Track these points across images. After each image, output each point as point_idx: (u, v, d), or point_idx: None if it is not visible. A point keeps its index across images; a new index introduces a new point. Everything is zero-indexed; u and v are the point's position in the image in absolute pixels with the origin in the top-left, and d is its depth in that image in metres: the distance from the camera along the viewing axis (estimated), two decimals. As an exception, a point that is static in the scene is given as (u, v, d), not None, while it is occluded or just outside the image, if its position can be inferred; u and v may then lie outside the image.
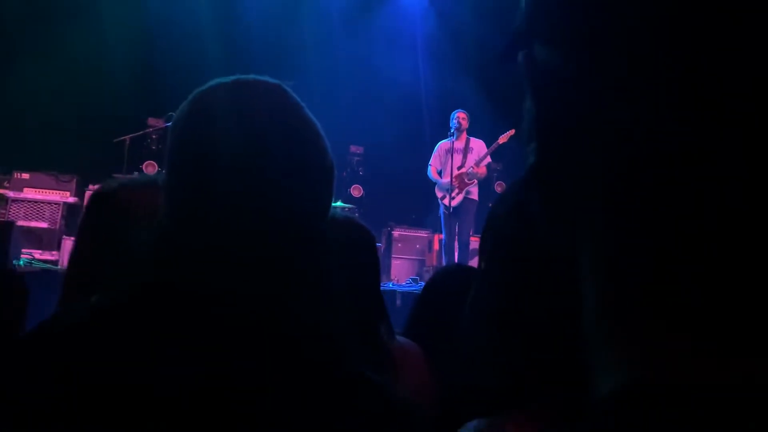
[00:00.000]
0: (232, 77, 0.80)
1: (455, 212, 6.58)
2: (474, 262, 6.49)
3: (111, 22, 7.83)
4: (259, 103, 0.77)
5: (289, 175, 0.75)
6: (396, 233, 7.59)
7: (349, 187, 8.38)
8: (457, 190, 6.56)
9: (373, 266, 1.52)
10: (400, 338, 1.51)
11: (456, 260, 6.30)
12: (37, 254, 5.96)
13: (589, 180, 0.33)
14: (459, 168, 6.59)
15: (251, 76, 0.81)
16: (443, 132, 6.88)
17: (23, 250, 5.34)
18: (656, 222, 0.30)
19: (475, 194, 6.69)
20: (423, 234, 7.67)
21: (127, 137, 6.54)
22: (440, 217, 6.79)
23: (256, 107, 0.77)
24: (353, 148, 8.65)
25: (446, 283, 1.85)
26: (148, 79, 7.14)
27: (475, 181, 6.63)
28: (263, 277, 0.74)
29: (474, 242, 6.91)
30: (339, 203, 7.14)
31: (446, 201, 6.60)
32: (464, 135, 6.73)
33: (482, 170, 6.65)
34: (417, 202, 8.34)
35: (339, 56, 8.56)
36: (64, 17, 7.64)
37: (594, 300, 0.33)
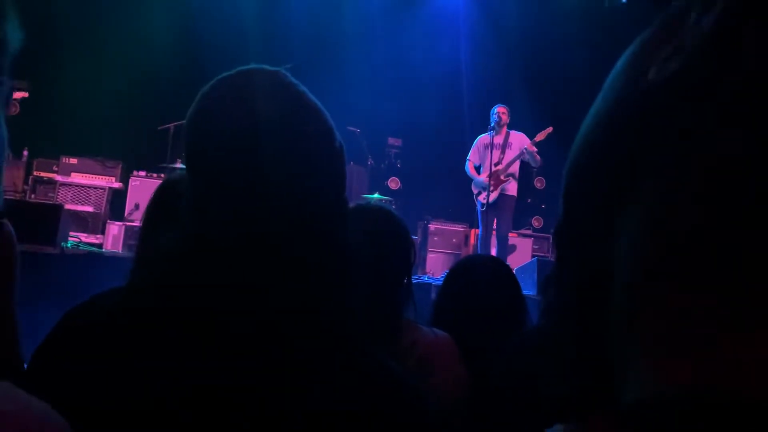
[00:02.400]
0: (234, 70, 0.82)
1: (493, 208, 6.49)
2: (512, 258, 6.43)
3: (156, 14, 7.98)
4: (257, 91, 0.78)
5: (292, 157, 0.76)
6: (432, 227, 7.58)
7: (387, 180, 8.39)
8: (492, 187, 6.48)
9: (403, 254, 1.52)
10: (435, 330, 1.50)
11: (495, 255, 6.23)
12: (83, 237, 6.15)
13: None
14: (495, 165, 6.51)
15: (251, 66, 0.82)
16: (483, 126, 6.81)
17: (70, 233, 5.51)
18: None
19: (512, 190, 6.56)
20: (459, 228, 7.64)
21: (170, 125, 6.67)
22: (477, 211, 6.72)
23: (254, 94, 0.78)
24: (391, 140, 8.64)
25: (468, 272, 1.85)
26: (191, 69, 7.28)
27: (511, 179, 6.52)
28: (275, 265, 0.75)
29: (512, 238, 6.84)
30: (376, 195, 7.15)
31: (482, 197, 6.54)
32: (504, 130, 6.60)
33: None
34: (454, 196, 8.30)
35: (379, 48, 8.55)
36: (111, 9, 7.83)
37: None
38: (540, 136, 6.43)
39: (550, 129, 6.41)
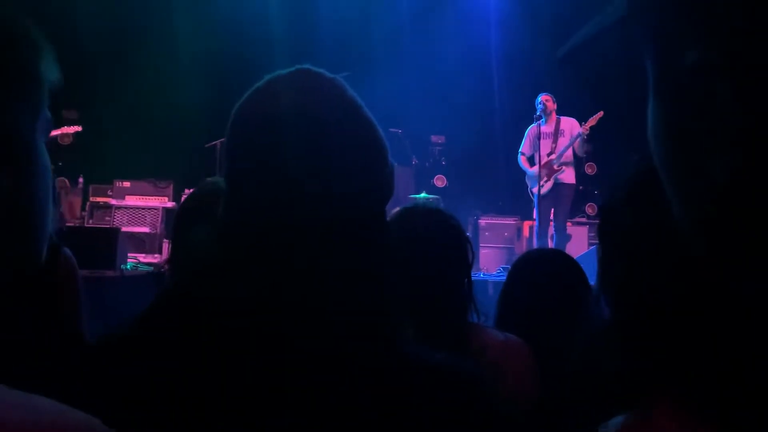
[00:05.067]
0: (291, 69, 0.79)
1: (549, 198, 6.32)
2: (569, 247, 6.27)
3: (188, 35, 8.18)
4: (313, 93, 0.76)
5: (340, 168, 0.74)
6: (483, 222, 7.48)
7: (432, 178, 8.33)
8: (545, 178, 6.32)
9: (460, 253, 1.47)
10: (506, 334, 1.45)
11: (553, 246, 6.06)
12: (141, 257, 6.31)
13: None
14: (549, 154, 6.34)
15: (309, 67, 0.80)
16: (525, 115, 6.68)
17: (129, 254, 5.66)
18: None
19: (569, 178, 6.35)
20: (511, 221, 7.52)
21: (217, 142, 6.78)
22: (534, 203, 6.56)
23: (310, 96, 0.75)
24: (434, 138, 8.59)
25: (532, 268, 1.79)
26: (231, 84, 7.40)
27: (564, 168, 6.33)
28: (320, 263, 0.73)
29: (567, 227, 6.67)
30: (423, 194, 7.10)
31: (535, 190, 6.37)
32: (554, 117, 6.42)
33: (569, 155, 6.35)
34: (502, 189, 8.19)
35: (410, 46, 8.52)
36: (147, 33, 8.05)
37: None
38: (592, 121, 6.23)
39: (601, 113, 6.22)
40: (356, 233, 0.75)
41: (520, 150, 6.69)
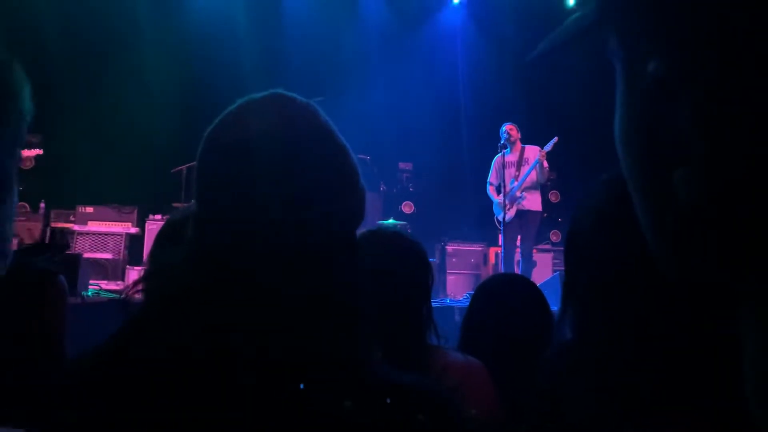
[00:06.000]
0: (264, 93, 0.80)
1: (514, 224, 6.41)
2: (534, 274, 6.35)
3: (158, 61, 8.12)
4: (286, 118, 0.76)
5: (310, 193, 0.74)
6: (450, 248, 7.52)
7: (400, 204, 8.38)
8: (509, 206, 6.41)
9: (421, 276, 1.49)
10: (466, 356, 1.47)
11: (519, 272, 6.14)
12: (104, 284, 6.16)
13: None
14: (512, 182, 6.45)
15: (282, 91, 0.80)
16: (491, 142, 6.80)
17: (90, 281, 5.53)
18: None
19: (535, 204, 6.46)
20: (477, 248, 7.58)
21: (183, 167, 6.72)
22: (501, 230, 6.64)
23: (283, 121, 0.76)
24: (402, 165, 8.66)
25: (495, 292, 1.82)
26: (197, 111, 7.36)
27: (526, 195, 6.44)
28: (290, 288, 0.73)
29: (534, 254, 6.76)
30: (391, 220, 7.13)
31: (500, 218, 6.46)
32: (518, 145, 6.57)
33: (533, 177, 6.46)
34: (469, 216, 8.26)
35: (379, 75, 8.61)
36: (112, 56, 7.98)
37: None
38: (549, 147, 6.38)
39: (556, 139, 6.38)
40: (326, 258, 0.75)
41: (488, 180, 6.80)
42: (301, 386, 0.69)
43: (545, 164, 6.36)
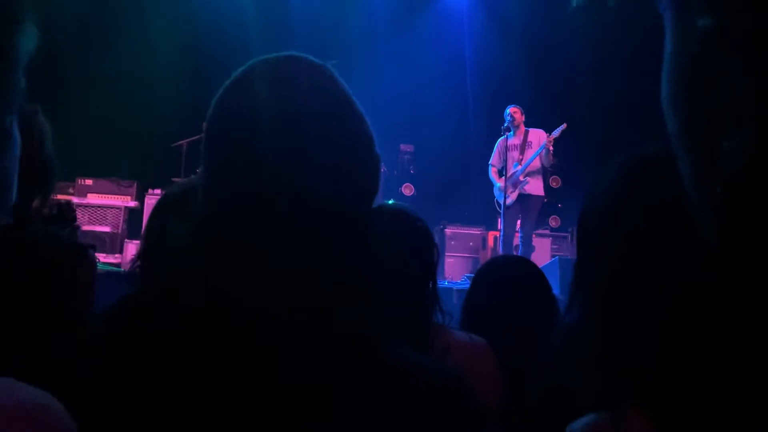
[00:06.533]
0: (278, 54, 0.76)
1: (515, 208, 6.36)
2: (533, 259, 6.35)
3: (162, 32, 8.05)
4: (301, 80, 0.73)
5: (327, 158, 0.70)
6: (449, 231, 7.53)
7: (401, 186, 8.36)
8: (511, 189, 6.38)
9: (426, 253, 1.48)
10: (471, 335, 1.46)
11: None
12: (102, 257, 6.17)
13: None
14: (516, 166, 6.39)
15: (294, 53, 0.76)
16: (494, 127, 6.75)
17: (89, 254, 5.53)
18: None
19: (536, 190, 6.40)
20: (476, 231, 7.59)
21: (184, 142, 6.69)
22: (501, 214, 6.61)
23: (297, 83, 0.72)
24: (403, 147, 8.62)
25: (497, 273, 1.82)
26: (200, 84, 7.31)
27: (529, 179, 6.40)
28: (302, 262, 0.70)
29: (533, 239, 6.75)
30: (391, 202, 7.11)
31: (501, 201, 6.42)
32: (522, 128, 6.48)
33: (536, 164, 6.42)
34: (469, 200, 8.26)
35: (383, 55, 8.54)
36: (117, 30, 7.90)
37: None
38: (556, 133, 6.29)
39: (564, 126, 6.30)
40: (340, 230, 0.72)
41: (490, 162, 6.74)
42: (313, 363, 0.68)
43: (551, 149, 6.31)
